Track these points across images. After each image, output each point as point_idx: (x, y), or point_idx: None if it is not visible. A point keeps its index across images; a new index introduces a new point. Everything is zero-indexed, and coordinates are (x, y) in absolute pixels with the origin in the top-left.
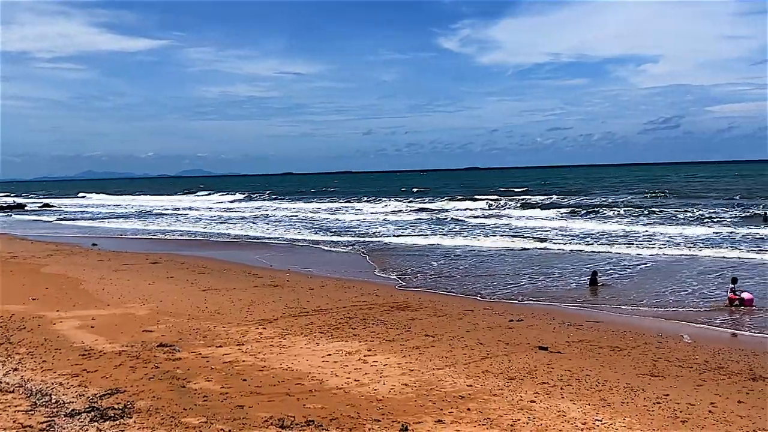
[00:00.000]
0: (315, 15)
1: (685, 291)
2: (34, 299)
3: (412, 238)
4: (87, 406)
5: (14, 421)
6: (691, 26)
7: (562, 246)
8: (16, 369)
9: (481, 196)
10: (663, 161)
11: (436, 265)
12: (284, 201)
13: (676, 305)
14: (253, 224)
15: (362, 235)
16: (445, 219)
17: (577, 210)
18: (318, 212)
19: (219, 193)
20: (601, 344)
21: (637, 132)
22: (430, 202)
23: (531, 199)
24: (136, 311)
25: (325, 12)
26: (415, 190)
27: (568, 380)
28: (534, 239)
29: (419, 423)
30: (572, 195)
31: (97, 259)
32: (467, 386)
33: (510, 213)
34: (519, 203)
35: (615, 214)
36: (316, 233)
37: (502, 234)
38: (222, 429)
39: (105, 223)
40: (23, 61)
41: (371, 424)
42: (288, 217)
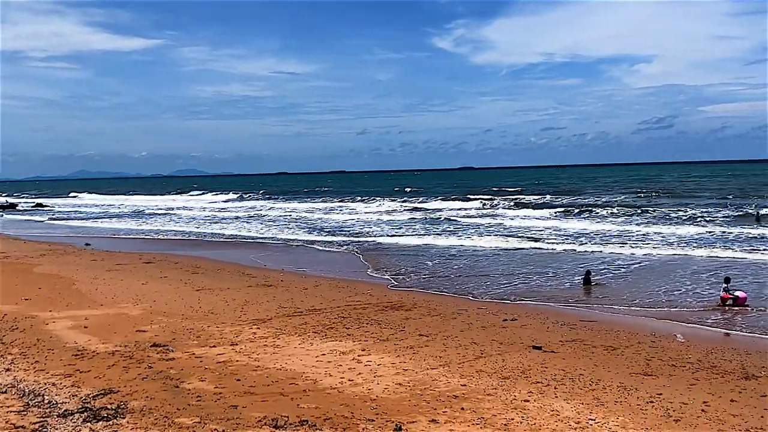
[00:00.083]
0: (309, 14)
1: (679, 290)
2: (26, 299)
3: (405, 237)
4: (80, 406)
5: (6, 422)
6: (685, 26)
7: (555, 246)
8: (8, 369)
9: (474, 196)
10: (656, 161)
11: (430, 264)
12: (278, 201)
13: (669, 305)
14: (247, 224)
15: (356, 235)
16: (439, 219)
17: (571, 210)
18: (312, 212)
19: (212, 193)
20: (595, 344)
21: (630, 132)
22: (424, 202)
23: (525, 198)
24: (130, 311)
25: (319, 11)
26: (408, 189)
27: (562, 379)
28: (528, 239)
29: (413, 422)
30: (566, 195)
31: (90, 259)
32: (461, 386)
33: (504, 213)
34: (513, 203)
35: (609, 213)
36: (310, 233)
37: (496, 234)
38: (215, 429)
39: (98, 223)
40: (16, 60)
41: (365, 423)
42: (282, 217)
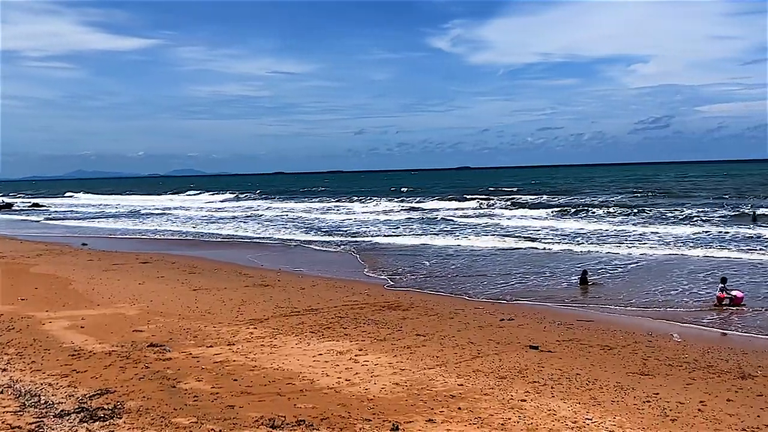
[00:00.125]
0: (306, 14)
1: (675, 290)
2: (23, 299)
3: (402, 237)
4: (76, 406)
5: (3, 422)
6: (681, 26)
7: (552, 245)
8: (4, 370)
9: (471, 196)
10: (653, 161)
11: (427, 264)
12: (275, 200)
13: (665, 304)
14: (244, 224)
15: (353, 235)
16: (436, 219)
17: (568, 209)
18: (309, 212)
19: (209, 193)
20: (592, 343)
21: (627, 132)
22: (421, 202)
23: (522, 198)
24: (127, 311)
25: (316, 11)
26: (403, 189)
27: (559, 379)
28: (524, 239)
29: (410, 422)
30: (563, 194)
31: (87, 258)
32: (458, 385)
33: (501, 213)
34: (510, 203)
35: (605, 213)
36: (307, 233)
37: (493, 234)
38: (212, 429)
39: (94, 222)
40: (13, 60)
41: (362, 423)
42: (279, 217)
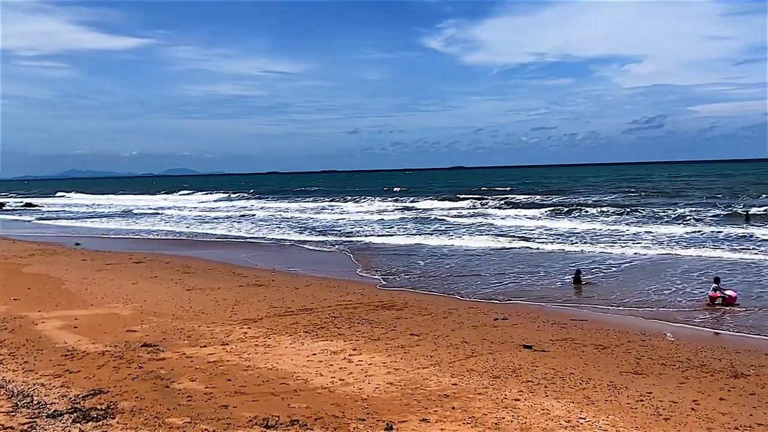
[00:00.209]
0: (300, 14)
1: (668, 290)
2: (15, 299)
3: (396, 237)
4: (69, 407)
5: None
6: (675, 26)
7: (546, 245)
8: None
9: (465, 196)
10: (646, 161)
11: (421, 264)
12: (269, 200)
13: (659, 304)
14: (238, 224)
15: (347, 235)
16: (430, 218)
17: (561, 209)
18: (303, 212)
19: (201, 193)
20: (585, 342)
21: (620, 132)
22: (415, 202)
23: (515, 198)
24: (120, 311)
25: (310, 11)
26: (396, 189)
27: (552, 378)
28: (518, 238)
29: (404, 422)
30: (556, 194)
31: (80, 258)
32: (452, 385)
33: (494, 212)
34: (503, 202)
35: (599, 213)
36: (301, 233)
37: (487, 233)
38: (206, 429)
39: (87, 222)
40: (5, 59)
41: (356, 423)
42: (272, 217)
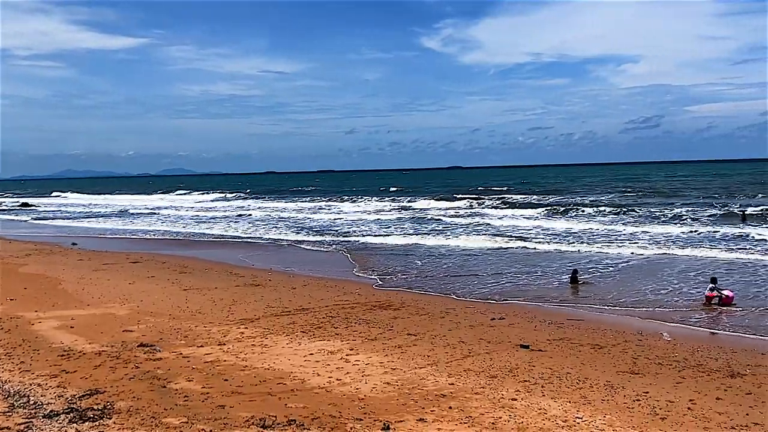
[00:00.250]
0: (297, 14)
1: (665, 289)
2: (11, 299)
3: (393, 237)
4: (66, 407)
5: None
6: (672, 27)
7: (542, 245)
8: None
9: (462, 196)
10: (643, 160)
11: (418, 264)
12: (266, 200)
13: (655, 303)
14: (235, 223)
15: (344, 235)
16: (427, 218)
17: (558, 209)
18: (300, 211)
19: (198, 192)
20: (582, 342)
21: (617, 131)
22: (412, 201)
23: (512, 198)
24: (117, 311)
25: (307, 11)
26: (393, 189)
27: (549, 378)
28: (515, 238)
29: (401, 422)
30: (553, 194)
31: (77, 258)
32: (449, 384)
33: (491, 212)
34: (500, 202)
35: (595, 212)
36: (298, 232)
37: (484, 233)
38: (203, 429)
39: (84, 222)
40: (1, 59)
41: (353, 423)
42: (269, 217)
